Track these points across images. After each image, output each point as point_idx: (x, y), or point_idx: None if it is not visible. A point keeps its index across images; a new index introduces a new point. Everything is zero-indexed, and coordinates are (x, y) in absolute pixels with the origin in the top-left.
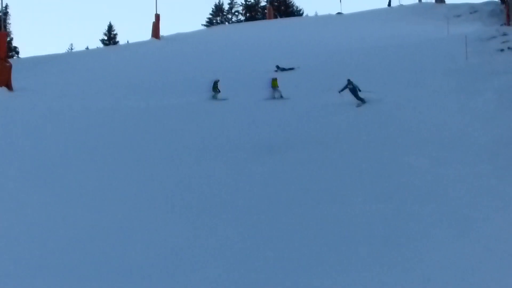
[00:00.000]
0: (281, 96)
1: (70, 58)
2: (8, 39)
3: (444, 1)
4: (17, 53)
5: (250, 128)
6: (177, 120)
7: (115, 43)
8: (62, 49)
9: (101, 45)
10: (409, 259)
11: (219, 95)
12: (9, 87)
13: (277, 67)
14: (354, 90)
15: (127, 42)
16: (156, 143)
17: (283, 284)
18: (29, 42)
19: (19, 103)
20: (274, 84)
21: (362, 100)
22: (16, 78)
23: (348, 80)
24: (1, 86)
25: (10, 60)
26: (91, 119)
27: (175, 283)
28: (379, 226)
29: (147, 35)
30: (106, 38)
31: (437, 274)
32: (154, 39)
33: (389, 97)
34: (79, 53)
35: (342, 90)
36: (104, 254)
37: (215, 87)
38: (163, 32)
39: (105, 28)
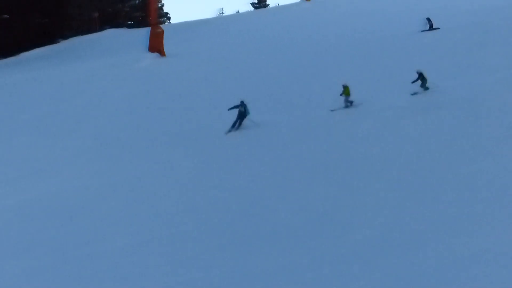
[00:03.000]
0: (351, 103)
1: (220, 23)
2: (159, 5)
3: None
4: (168, 19)
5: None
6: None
7: (265, 6)
8: (212, 13)
9: (251, 8)
10: None
11: None
12: (161, 52)
13: (428, 20)
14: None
15: (277, 5)
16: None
17: None
18: (179, 7)
19: (171, 68)
20: (346, 92)
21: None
22: (167, 43)
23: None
24: (153, 52)
25: (161, 26)
26: (241, 82)
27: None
28: None
29: None
30: (256, 1)
31: None
32: (303, 0)
33: None
34: (229, 17)
35: (415, 81)
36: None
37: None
38: None
39: None
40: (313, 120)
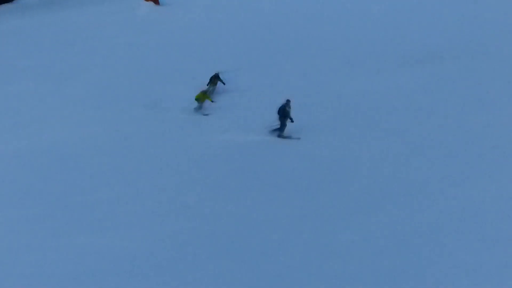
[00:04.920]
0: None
1: None
2: None
3: None
4: None
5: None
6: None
7: None
8: None
9: None
10: None
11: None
12: (155, 1)
13: None
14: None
15: None
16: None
17: None
18: None
19: (165, 17)
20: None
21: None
22: None
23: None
24: (148, 1)
25: None
26: (232, 32)
27: None
28: None
29: None
30: None
31: None
32: None
33: None
34: None
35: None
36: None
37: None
38: None
39: None
40: None
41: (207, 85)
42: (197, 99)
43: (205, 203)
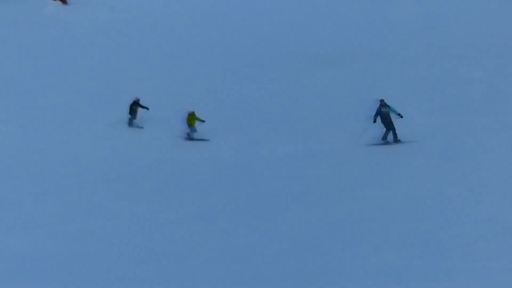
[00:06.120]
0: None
1: None
2: None
3: None
4: None
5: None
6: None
7: None
8: None
9: None
10: (466, 170)
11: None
12: (63, 0)
13: None
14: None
15: None
16: (216, 50)
17: None
18: None
19: (72, 16)
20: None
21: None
22: None
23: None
24: (55, 0)
25: None
26: (141, 30)
27: None
28: (437, 137)
29: None
30: None
31: (491, 182)
32: None
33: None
34: None
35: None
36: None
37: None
38: None
39: None
40: None
41: (129, 113)
42: (189, 124)
43: (108, 204)
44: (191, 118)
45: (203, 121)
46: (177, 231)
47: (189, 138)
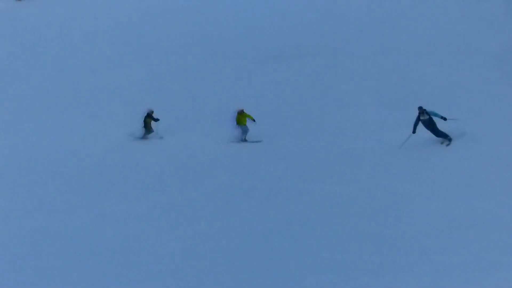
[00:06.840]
0: (245, 139)
1: None
2: None
3: None
4: None
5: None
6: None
7: None
8: None
9: None
10: (418, 166)
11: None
12: None
13: None
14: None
15: None
16: (166, 47)
17: None
18: None
19: (26, 12)
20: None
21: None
22: None
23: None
24: None
25: None
26: (95, 29)
27: None
28: (389, 132)
29: None
30: None
31: (442, 178)
32: None
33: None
34: None
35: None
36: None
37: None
38: None
39: None
40: None
41: (143, 127)
42: (239, 123)
43: (63, 199)
44: (241, 117)
45: (254, 120)
46: (131, 226)
47: (242, 139)
